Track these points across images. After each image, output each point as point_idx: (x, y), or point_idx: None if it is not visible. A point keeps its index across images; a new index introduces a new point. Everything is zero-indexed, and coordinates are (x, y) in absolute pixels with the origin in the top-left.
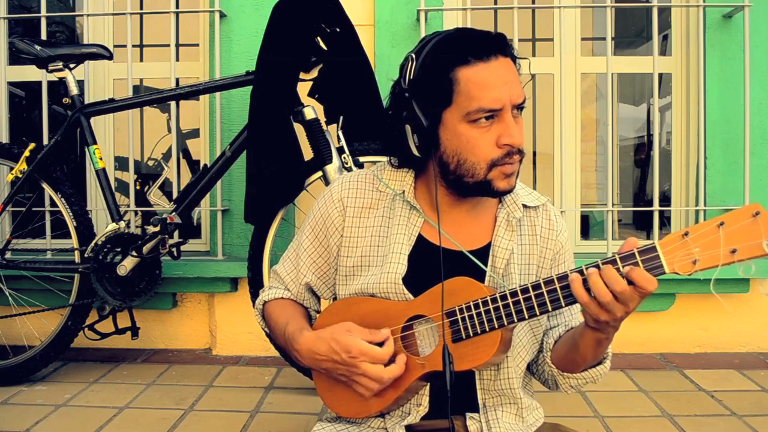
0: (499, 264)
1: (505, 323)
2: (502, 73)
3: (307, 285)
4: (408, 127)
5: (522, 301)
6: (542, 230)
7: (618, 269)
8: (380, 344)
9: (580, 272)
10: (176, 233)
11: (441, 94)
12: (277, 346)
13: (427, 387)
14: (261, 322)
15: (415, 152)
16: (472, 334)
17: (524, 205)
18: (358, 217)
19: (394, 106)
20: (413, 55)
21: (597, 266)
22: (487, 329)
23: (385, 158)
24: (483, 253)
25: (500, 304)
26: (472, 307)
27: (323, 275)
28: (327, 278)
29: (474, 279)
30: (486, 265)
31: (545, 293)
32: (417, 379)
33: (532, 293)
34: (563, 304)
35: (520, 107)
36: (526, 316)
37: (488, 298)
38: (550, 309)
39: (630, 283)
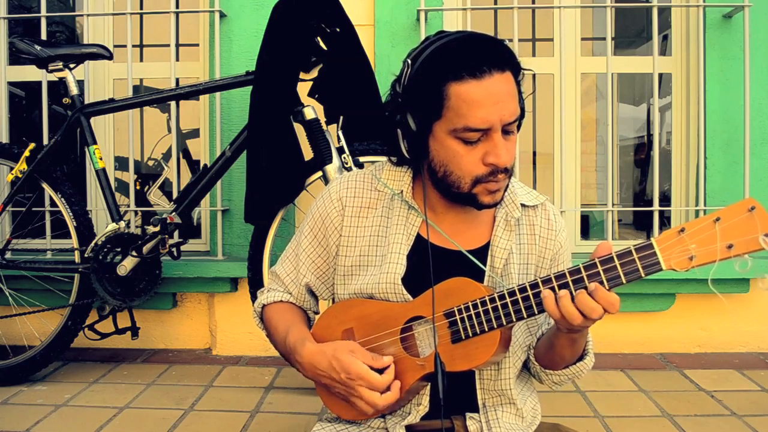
0: (498, 264)
1: (504, 323)
2: (495, 92)
3: (307, 286)
4: (399, 131)
5: (520, 300)
6: (541, 230)
7: (585, 288)
8: (382, 370)
9: (582, 268)
10: (176, 233)
11: (431, 106)
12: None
13: (428, 387)
14: (260, 324)
15: (406, 155)
16: (471, 335)
17: (523, 205)
18: (357, 216)
19: (389, 106)
20: (409, 61)
21: (594, 264)
22: (486, 329)
23: (384, 158)
24: (482, 252)
25: (498, 303)
26: (471, 307)
27: (322, 275)
28: (326, 278)
29: (473, 279)
30: (485, 265)
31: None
32: (417, 380)
33: (530, 292)
34: None
35: (515, 125)
36: (525, 316)
37: (486, 298)
38: None
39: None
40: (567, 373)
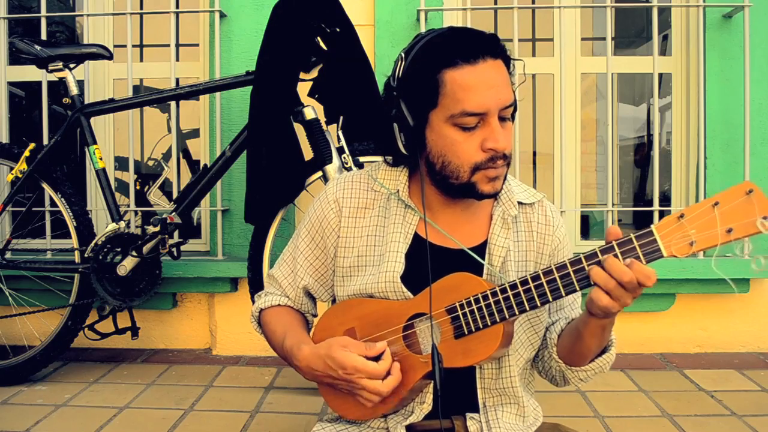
0: (496, 261)
1: (507, 316)
2: (489, 77)
3: (305, 289)
4: (396, 126)
5: (522, 293)
6: (539, 226)
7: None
8: (378, 357)
9: (583, 258)
10: (176, 233)
11: (427, 95)
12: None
13: (431, 385)
14: (258, 329)
15: (403, 150)
16: (473, 329)
17: (520, 203)
18: (354, 217)
19: (384, 103)
20: (403, 54)
21: (595, 254)
22: (489, 323)
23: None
24: (479, 251)
25: (500, 297)
26: (473, 302)
27: (321, 277)
28: (325, 280)
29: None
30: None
31: (545, 284)
32: (421, 377)
33: (531, 284)
34: (563, 293)
35: (510, 111)
36: (527, 308)
37: (488, 292)
38: (550, 299)
39: None
40: (594, 367)
